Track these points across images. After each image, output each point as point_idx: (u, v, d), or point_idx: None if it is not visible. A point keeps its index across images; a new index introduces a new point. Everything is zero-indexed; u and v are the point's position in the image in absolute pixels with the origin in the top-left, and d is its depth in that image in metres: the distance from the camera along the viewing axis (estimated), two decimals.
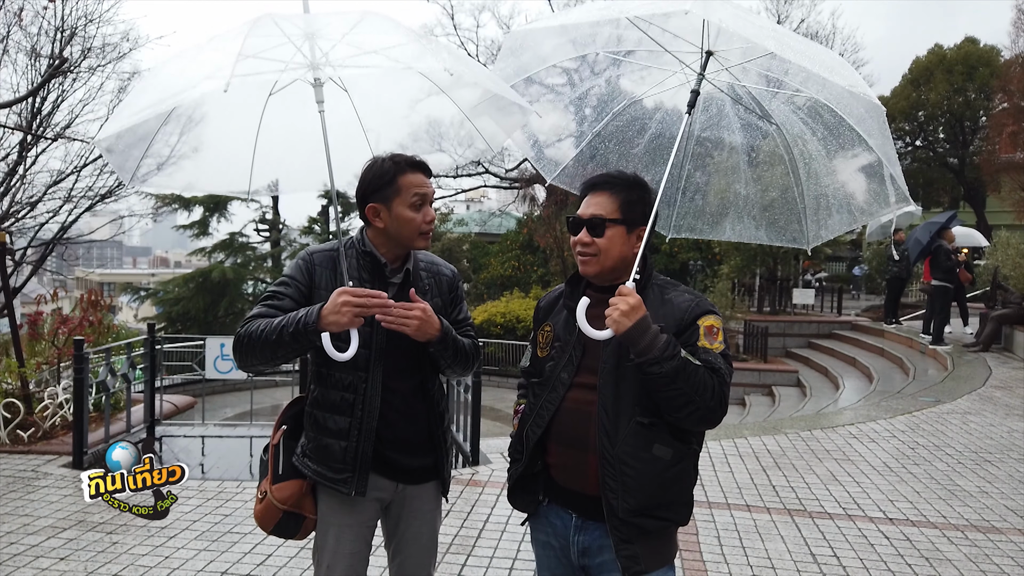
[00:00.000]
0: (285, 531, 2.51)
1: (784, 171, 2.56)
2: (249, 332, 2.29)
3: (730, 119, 2.65)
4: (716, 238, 2.80)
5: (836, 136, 2.42)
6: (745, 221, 2.68)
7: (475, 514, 5.07)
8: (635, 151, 2.70)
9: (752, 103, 2.57)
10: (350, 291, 2.20)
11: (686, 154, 2.65)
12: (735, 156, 2.68)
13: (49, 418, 6.80)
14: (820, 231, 2.58)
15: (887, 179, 2.35)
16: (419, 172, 2.38)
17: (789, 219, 2.60)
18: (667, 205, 2.68)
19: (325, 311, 2.20)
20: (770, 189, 2.63)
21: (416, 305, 2.29)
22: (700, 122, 2.66)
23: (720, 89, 2.55)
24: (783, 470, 6.21)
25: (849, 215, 2.54)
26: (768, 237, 2.69)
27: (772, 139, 2.58)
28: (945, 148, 28.93)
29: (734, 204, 2.70)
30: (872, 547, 4.68)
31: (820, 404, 10.93)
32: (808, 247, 2.59)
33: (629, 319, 1.95)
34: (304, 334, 2.22)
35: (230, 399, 14.50)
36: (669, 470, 2.05)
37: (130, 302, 31.91)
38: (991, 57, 27.38)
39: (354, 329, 2.25)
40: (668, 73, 2.56)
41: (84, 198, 12.78)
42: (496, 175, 29.23)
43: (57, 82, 11.60)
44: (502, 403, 15.24)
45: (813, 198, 2.55)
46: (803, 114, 2.49)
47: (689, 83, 2.42)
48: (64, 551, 4.36)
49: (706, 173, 2.74)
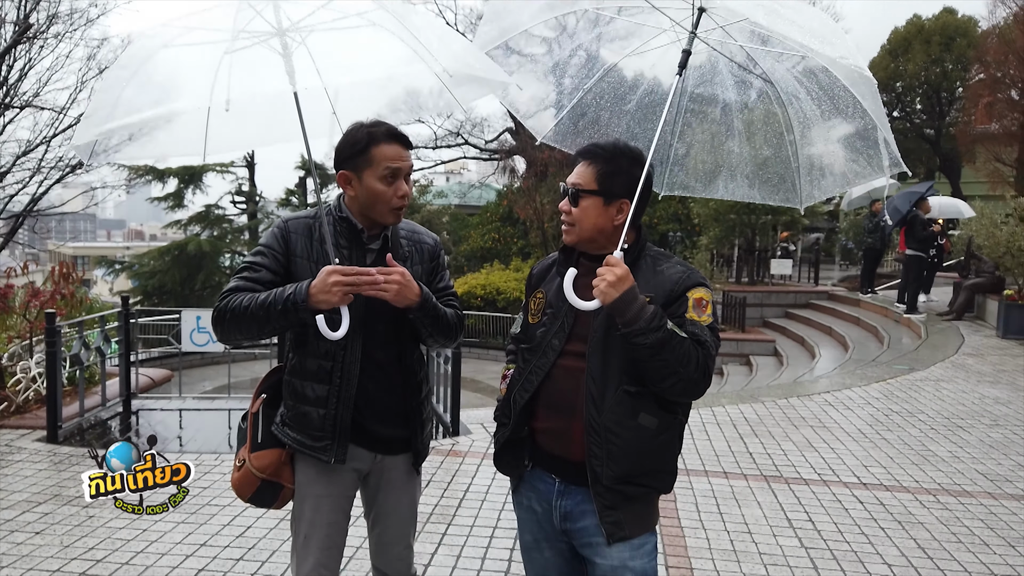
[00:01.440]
0: (262, 500, 2.49)
1: (778, 129, 2.53)
2: (232, 307, 2.25)
3: (723, 75, 2.60)
4: (709, 196, 2.78)
5: (830, 96, 2.39)
6: (738, 179, 2.65)
7: (455, 484, 5.08)
8: (627, 107, 2.66)
9: (746, 60, 2.53)
10: (339, 269, 2.17)
11: (679, 110, 2.61)
12: (728, 113, 2.64)
13: (22, 392, 6.70)
14: (813, 191, 2.56)
15: (881, 143, 2.33)
16: (395, 143, 2.31)
17: (783, 178, 2.58)
18: (659, 163, 2.64)
19: (314, 289, 2.17)
20: (764, 147, 2.59)
21: (395, 270, 2.25)
22: (693, 78, 2.61)
23: (713, 48, 2.50)
24: (760, 437, 6.29)
25: (842, 176, 2.52)
26: (761, 196, 2.66)
27: (766, 96, 2.54)
28: (922, 119, 29.07)
29: (727, 162, 2.66)
30: (846, 511, 4.76)
31: (796, 373, 11.06)
32: (801, 207, 2.56)
33: (616, 289, 1.94)
34: (294, 312, 2.19)
35: (208, 372, 14.40)
36: (654, 439, 2.05)
37: (105, 275, 31.49)
38: (969, 28, 27.43)
39: (344, 307, 2.22)
40: (658, 30, 2.50)
41: (55, 169, 12.49)
42: (476, 147, 28.99)
43: (23, 49, 11.27)
44: (482, 375, 15.29)
45: (807, 157, 2.52)
46: (797, 72, 2.45)
47: (680, 40, 2.37)
48: (39, 525, 4.32)
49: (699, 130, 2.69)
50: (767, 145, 2.59)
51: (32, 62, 11.64)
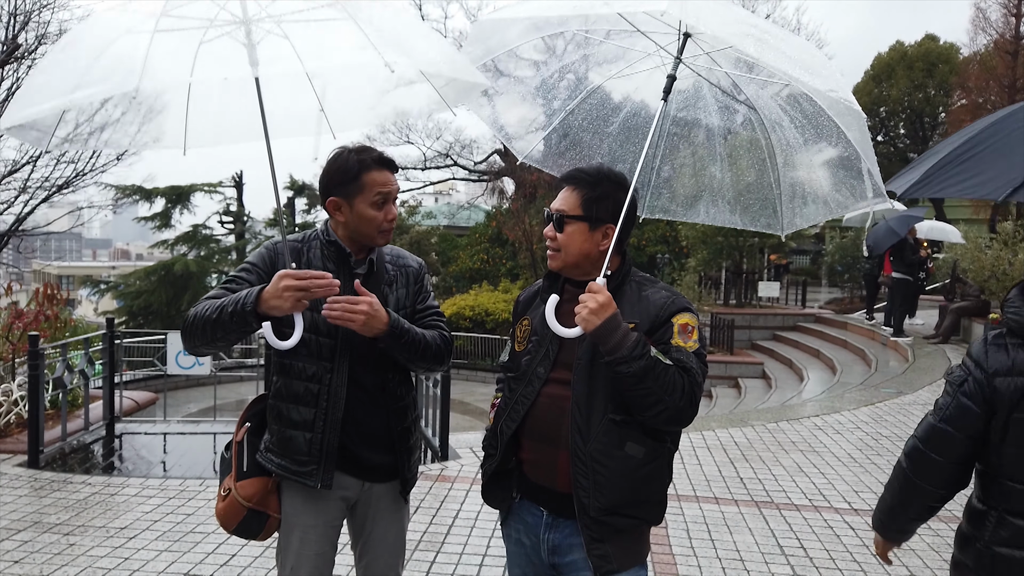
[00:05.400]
0: (248, 531, 2.44)
1: (760, 156, 2.53)
2: (195, 313, 2.23)
3: (707, 100, 2.60)
4: (690, 220, 2.76)
5: (814, 125, 2.39)
6: (720, 205, 2.64)
7: (444, 510, 5.02)
8: (609, 129, 2.65)
9: (730, 87, 2.54)
10: (292, 273, 2.11)
11: (661, 134, 2.60)
12: (711, 138, 2.64)
13: (3, 416, 6.59)
14: (795, 219, 2.55)
15: (864, 173, 2.33)
16: (385, 170, 2.32)
17: (764, 205, 2.57)
18: (642, 186, 2.63)
19: (266, 295, 2.11)
20: (746, 173, 2.59)
21: (362, 299, 2.20)
22: (676, 102, 2.61)
23: (698, 73, 2.51)
24: (750, 462, 6.27)
25: (824, 205, 2.51)
26: (742, 222, 2.65)
27: (749, 123, 2.54)
28: (906, 143, 29.50)
29: (708, 187, 2.66)
30: (838, 538, 4.73)
31: (785, 396, 11.07)
32: (782, 233, 2.56)
33: (598, 317, 1.91)
34: (242, 315, 2.12)
35: (193, 394, 14.24)
36: (642, 468, 2.02)
37: (90, 295, 31.26)
38: (951, 54, 27.94)
39: (298, 315, 2.17)
40: (643, 54, 2.51)
41: (40, 189, 12.43)
42: (465, 167, 29.10)
43: (11, 69, 11.25)
44: (471, 397, 15.20)
45: (789, 185, 2.52)
46: (781, 100, 2.46)
47: (665, 66, 2.37)
48: (19, 553, 4.22)
49: (682, 155, 2.69)
50: (750, 171, 2.59)
51: (19, 81, 11.60)
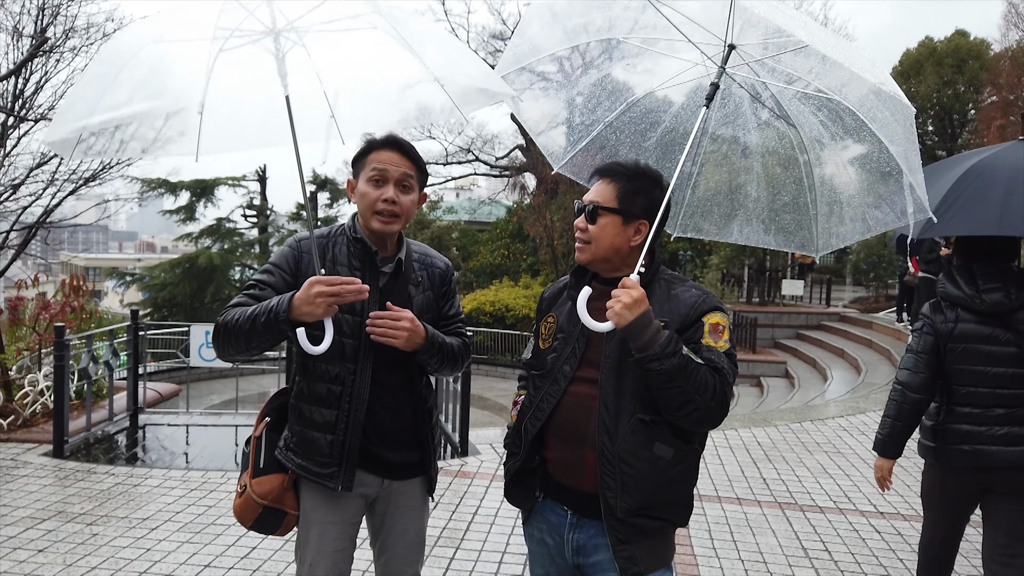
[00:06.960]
0: (265, 527, 2.43)
1: (798, 175, 2.45)
2: (225, 322, 2.23)
3: (747, 117, 2.53)
4: (723, 240, 2.67)
5: (857, 141, 2.31)
6: (754, 224, 2.56)
7: (464, 506, 5.00)
8: (647, 144, 2.58)
9: (771, 101, 2.46)
10: (323, 280, 2.12)
11: (698, 151, 2.54)
12: (749, 156, 2.56)
13: (29, 406, 6.68)
14: (831, 239, 2.46)
15: (906, 188, 2.21)
16: (393, 150, 2.31)
17: (799, 224, 2.49)
18: (675, 203, 2.56)
19: (297, 301, 2.12)
20: (782, 193, 2.50)
21: (404, 315, 2.23)
22: (716, 119, 2.54)
23: (740, 84, 2.44)
24: (773, 463, 6.19)
25: (863, 223, 2.41)
26: (776, 242, 2.57)
27: (788, 141, 2.46)
28: (934, 140, 29.00)
29: (743, 206, 2.58)
30: (863, 541, 4.65)
31: (808, 395, 10.94)
32: (816, 255, 2.48)
33: (631, 312, 1.87)
34: (275, 324, 2.13)
35: (216, 386, 14.36)
36: (670, 470, 1.98)
37: (116, 287, 31.66)
38: (981, 50, 27.41)
39: (328, 320, 2.16)
40: (688, 65, 2.44)
41: (68, 181, 12.56)
42: (486, 163, 29.07)
43: (40, 63, 11.37)
44: (491, 392, 15.20)
45: (826, 204, 2.44)
46: (823, 116, 2.36)
47: (708, 76, 2.33)
48: (43, 543, 4.26)
49: (718, 172, 2.62)
50: (786, 191, 2.51)
51: (48, 75, 11.74)
